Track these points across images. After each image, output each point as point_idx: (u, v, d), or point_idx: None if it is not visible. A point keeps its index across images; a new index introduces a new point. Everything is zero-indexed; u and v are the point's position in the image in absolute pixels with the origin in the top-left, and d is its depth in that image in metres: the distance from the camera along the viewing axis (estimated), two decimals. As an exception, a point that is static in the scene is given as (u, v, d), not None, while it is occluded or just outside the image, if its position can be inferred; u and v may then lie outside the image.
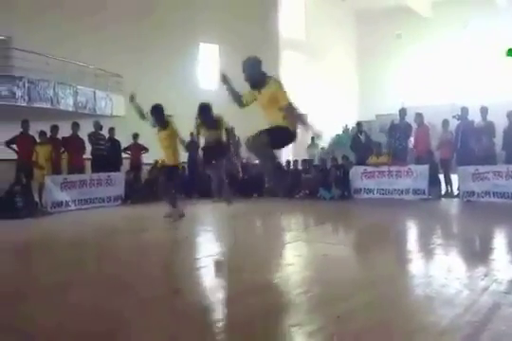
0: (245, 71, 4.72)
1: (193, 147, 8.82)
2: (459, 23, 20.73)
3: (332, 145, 20.05)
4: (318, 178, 10.82)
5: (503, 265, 4.17)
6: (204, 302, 3.42)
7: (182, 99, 12.84)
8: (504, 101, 14.20)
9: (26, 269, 4.72)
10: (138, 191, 11.03)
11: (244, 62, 4.73)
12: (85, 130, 10.63)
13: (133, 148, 11.58)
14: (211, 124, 6.61)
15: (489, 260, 4.37)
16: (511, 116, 9.56)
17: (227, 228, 6.82)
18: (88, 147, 10.55)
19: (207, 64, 17.60)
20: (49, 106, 12.19)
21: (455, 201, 9.56)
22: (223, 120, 6.72)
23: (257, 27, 17.77)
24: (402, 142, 10.47)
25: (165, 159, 7.09)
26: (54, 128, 9.95)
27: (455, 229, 6.87)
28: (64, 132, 10.21)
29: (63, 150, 10.06)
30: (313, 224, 7.02)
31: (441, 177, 10.19)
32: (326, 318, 2.95)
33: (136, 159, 11.63)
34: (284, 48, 19.21)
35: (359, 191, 10.37)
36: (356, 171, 10.49)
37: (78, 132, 10.28)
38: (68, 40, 12.55)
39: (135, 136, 11.45)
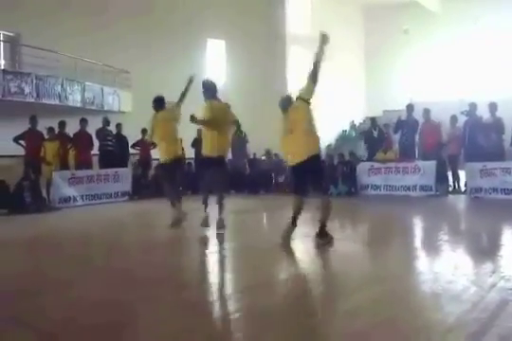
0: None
1: (200, 143, 8.77)
2: (469, 18, 20.47)
3: (339, 141, 19.98)
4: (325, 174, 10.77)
5: (511, 262, 4.16)
6: (211, 297, 3.45)
7: (189, 95, 12.81)
8: (513, 97, 14.05)
9: (34, 264, 4.77)
10: (146, 187, 11.07)
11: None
12: (93, 126, 10.66)
13: (142, 143, 11.58)
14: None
15: (497, 257, 4.36)
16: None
17: (234, 224, 6.83)
18: (96, 143, 10.60)
19: (214, 60, 17.59)
20: (57, 102, 12.23)
21: (462, 197, 9.51)
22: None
23: (264, 23, 17.72)
24: (409, 138, 10.42)
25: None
26: (62, 124, 10.00)
27: (462, 226, 6.85)
28: (72, 128, 10.27)
29: (70, 145, 10.12)
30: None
31: (448, 173, 10.14)
32: (333, 314, 2.97)
33: (145, 155, 11.63)
34: (291, 44, 19.12)
35: (366, 188, 10.33)
36: (363, 168, 10.44)
37: (86, 128, 10.34)
38: (76, 36, 12.58)
39: (143, 132, 11.43)
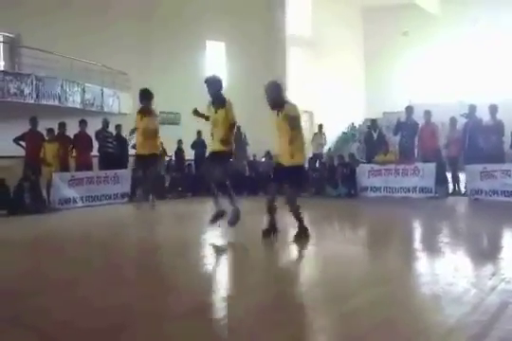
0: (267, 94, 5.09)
1: (200, 144, 8.81)
2: (468, 20, 20.52)
3: (338, 142, 19.99)
4: (324, 176, 10.80)
5: None
6: (209, 299, 3.44)
7: (189, 96, 12.84)
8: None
9: (34, 265, 4.76)
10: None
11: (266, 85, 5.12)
12: (93, 127, 10.67)
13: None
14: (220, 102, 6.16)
15: (497, 259, 4.36)
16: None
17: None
18: (95, 144, 10.60)
19: (214, 62, 17.60)
20: (57, 103, 12.25)
21: (462, 199, 9.51)
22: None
23: (264, 25, 17.75)
24: (409, 140, 10.42)
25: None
26: (61, 125, 10.00)
27: (462, 228, 6.84)
28: (72, 129, 10.26)
29: (71, 147, 10.12)
30: (319, 222, 7.02)
31: (448, 175, 10.14)
32: (332, 316, 2.96)
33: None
34: (291, 46, 19.15)
35: (366, 189, 10.33)
36: (362, 169, 10.45)
37: (85, 129, 10.34)
38: (76, 38, 12.62)
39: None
